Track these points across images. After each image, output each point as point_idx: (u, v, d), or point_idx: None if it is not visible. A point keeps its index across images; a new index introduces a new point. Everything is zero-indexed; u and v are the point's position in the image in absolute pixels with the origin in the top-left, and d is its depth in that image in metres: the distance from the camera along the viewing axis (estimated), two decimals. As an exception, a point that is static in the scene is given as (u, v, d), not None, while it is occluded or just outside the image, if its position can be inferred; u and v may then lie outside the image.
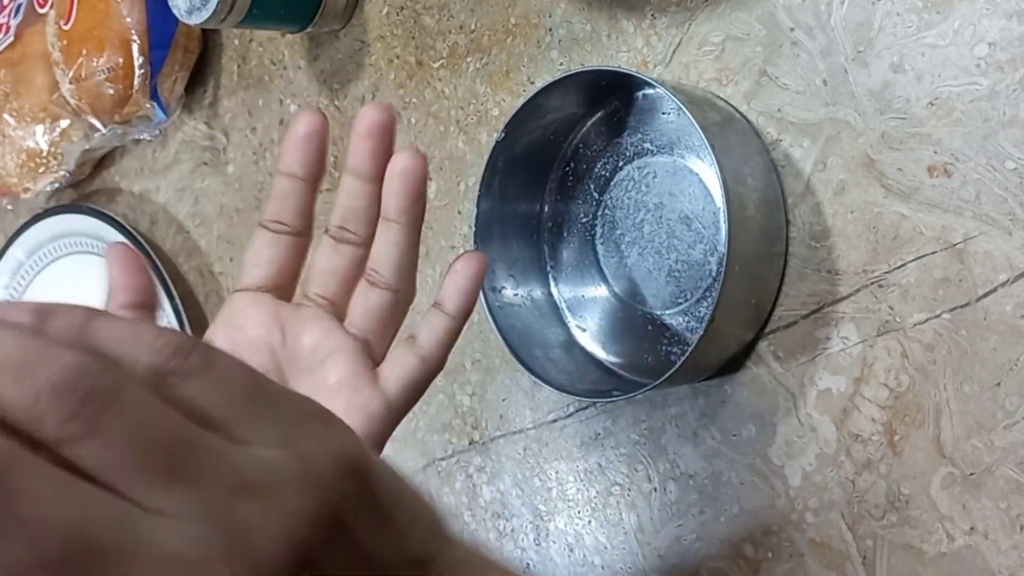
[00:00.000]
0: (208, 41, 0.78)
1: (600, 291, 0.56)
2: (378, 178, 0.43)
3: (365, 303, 0.43)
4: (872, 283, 0.47)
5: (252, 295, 0.44)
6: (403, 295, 0.44)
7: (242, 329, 0.43)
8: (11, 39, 0.83)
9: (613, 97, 0.55)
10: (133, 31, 0.74)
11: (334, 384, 0.42)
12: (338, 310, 0.44)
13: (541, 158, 0.57)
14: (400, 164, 0.42)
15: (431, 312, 0.44)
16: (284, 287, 0.44)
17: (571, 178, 0.57)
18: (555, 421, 0.59)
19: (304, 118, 0.43)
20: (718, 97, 0.51)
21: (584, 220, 0.57)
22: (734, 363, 0.51)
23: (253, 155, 0.75)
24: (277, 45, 0.74)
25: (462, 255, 0.44)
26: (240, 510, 0.22)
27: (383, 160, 0.42)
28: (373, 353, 0.44)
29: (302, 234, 0.44)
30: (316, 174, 0.43)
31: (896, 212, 0.46)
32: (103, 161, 0.87)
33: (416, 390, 0.43)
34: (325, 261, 0.44)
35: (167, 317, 0.76)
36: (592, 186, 0.56)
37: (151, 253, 0.78)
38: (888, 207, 0.47)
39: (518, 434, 0.61)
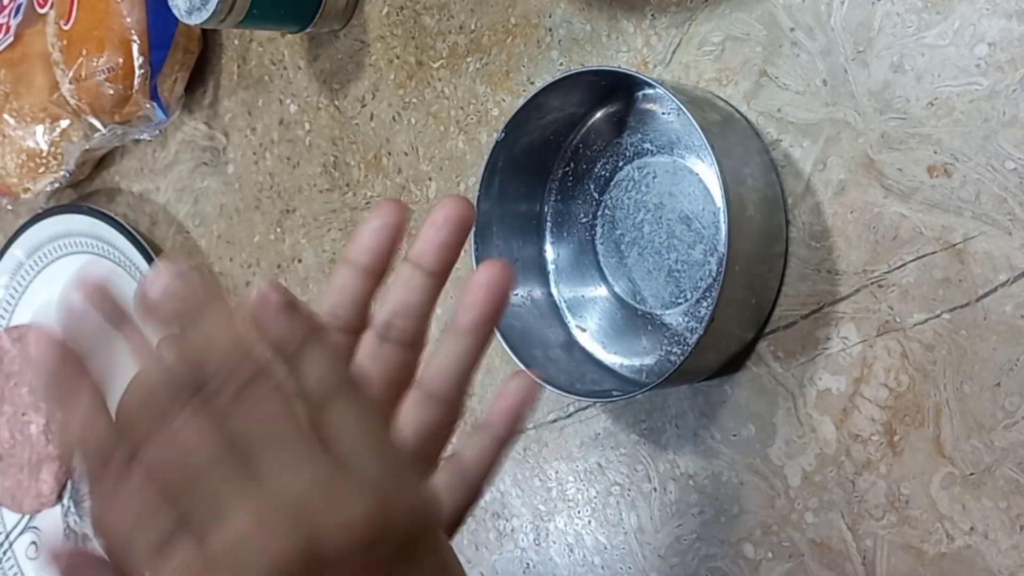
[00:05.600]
0: (208, 41, 0.78)
1: (600, 291, 0.56)
2: (440, 273, 0.39)
3: (419, 419, 0.39)
4: (872, 283, 0.47)
5: None
6: (456, 414, 0.40)
7: None
8: (11, 39, 0.83)
9: (613, 97, 0.55)
10: (133, 31, 0.74)
11: None
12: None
13: (541, 158, 0.57)
14: (487, 275, 0.39)
15: (479, 434, 0.41)
16: None
17: (571, 178, 0.57)
18: (555, 421, 0.59)
19: (384, 209, 0.39)
20: (718, 97, 0.51)
21: (584, 220, 0.57)
22: (734, 363, 0.51)
23: (253, 155, 0.75)
24: (277, 45, 0.74)
25: (517, 375, 0.41)
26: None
27: (451, 256, 0.39)
28: None
29: (356, 331, 0.39)
30: (382, 269, 0.39)
31: (896, 212, 0.46)
32: (103, 161, 0.87)
33: (461, 520, 0.40)
34: (369, 363, 0.39)
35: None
36: (592, 186, 0.56)
37: (151, 253, 0.78)
38: (888, 207, 0.47)
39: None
